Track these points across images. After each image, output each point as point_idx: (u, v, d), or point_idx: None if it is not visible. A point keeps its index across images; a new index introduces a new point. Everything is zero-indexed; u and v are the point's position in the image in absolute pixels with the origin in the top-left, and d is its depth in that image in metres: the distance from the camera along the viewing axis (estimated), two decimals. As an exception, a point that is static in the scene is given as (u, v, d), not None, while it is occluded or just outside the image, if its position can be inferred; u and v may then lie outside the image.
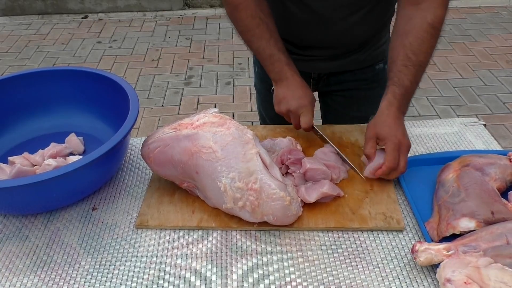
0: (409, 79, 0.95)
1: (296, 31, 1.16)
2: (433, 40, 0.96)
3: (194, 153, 0.85)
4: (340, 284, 0.78)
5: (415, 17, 0.96)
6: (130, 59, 3.58)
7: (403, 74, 0.95)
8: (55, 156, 1.00)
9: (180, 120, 0.93)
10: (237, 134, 0.86)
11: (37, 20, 4.30)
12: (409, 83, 0.95)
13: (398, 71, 0.96)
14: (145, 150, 0.93)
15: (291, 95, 1.05)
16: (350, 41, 1.18)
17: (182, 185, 0.93)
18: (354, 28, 1.12)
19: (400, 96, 0.96)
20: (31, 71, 1.12)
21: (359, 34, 1.16)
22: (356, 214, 0.89)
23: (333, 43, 1.17)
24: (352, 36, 1.16)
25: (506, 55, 3.41)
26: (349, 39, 1.16)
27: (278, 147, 1.03)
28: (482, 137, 1.12)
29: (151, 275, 0.81)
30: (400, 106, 0.96)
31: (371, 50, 1.22)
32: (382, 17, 1.17)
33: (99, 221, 0.93)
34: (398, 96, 0.96)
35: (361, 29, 1.14)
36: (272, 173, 0.84)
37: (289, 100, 1.04)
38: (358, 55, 1.21)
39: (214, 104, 2.99)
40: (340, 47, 1.19)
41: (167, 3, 4.37)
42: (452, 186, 0.88)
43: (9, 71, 3.41)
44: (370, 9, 1.10)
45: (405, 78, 0.95)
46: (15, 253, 0.87)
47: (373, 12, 1.11)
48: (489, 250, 0.75)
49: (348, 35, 1.15)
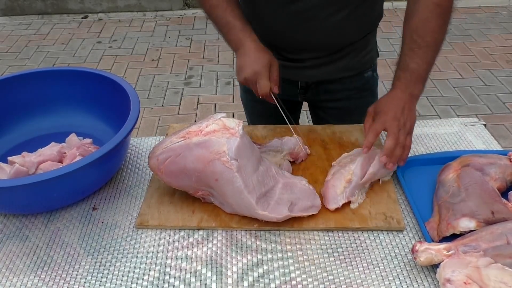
0: (416, 62, 0.94)
1: (280, 30, 1.12)
2: (439, 19, 0.94)
3: (211, 160, 0.84)
4: (340, 284, 0.78)
5: (420, 0, 0.94)
6: (130, 59, 3.58)
7: (408, 57, 0.95)
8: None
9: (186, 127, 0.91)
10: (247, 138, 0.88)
11: (37, 20, 4.30)
12: (415, 65, 0.94)
13: (404, 55, 0.96)
14: (154, 162, 0.90)
15: (248, 63, 1.00)
16: (336, 42, 1.14)
17: (196, 194, 0.92)
18: (339, 27, 1.09)
19: (405, 79, 0.96)
20: (31, 71, 1.12)
21: (345, 34, 1.13)
22: (356, 214, 0.89)
23: (318, 44, 1.14)
24: (338, 36, 1.12)
25: (506, 55, 3.41)
26: (335, 39, 1.13)
27: (286, 146, 1.03)
28: (482, 137, 1.12)
29: (151, 275, 0.81)
30: (406, 88, 0.96)
31: (359, 56, 1.20)
32: (368, 17, 1.14)
33: (99, 221, 0.93)
34: (403, 79, 0.96)
35: (347, 28, 1.11)
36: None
37: (245, 68, 1.00)
38: (345, 61, 1.18)
39: (214, 104, 2.99)
40: (325, 49, 1.15)
41: (167, 3, 4.37)
42: (452, 186, 0.88)
43: (9, 71, 3.41)
44: (356, 8, 1.07)
45: (411, 61, 0.95)
46: (15, 253, 0.87)
47: (359, 11, 1.09)
48: (489, 250, 0.75)
49: (333, 35, 1.11)
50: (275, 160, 1.00)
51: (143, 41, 3.85)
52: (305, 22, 1.08)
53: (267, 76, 1.00)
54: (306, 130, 1.14)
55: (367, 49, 1.21)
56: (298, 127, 1.15)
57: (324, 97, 1.27)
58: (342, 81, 1.23)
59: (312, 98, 1.30)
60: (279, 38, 1.15)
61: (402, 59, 0.97)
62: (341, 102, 1.27)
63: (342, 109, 1.28)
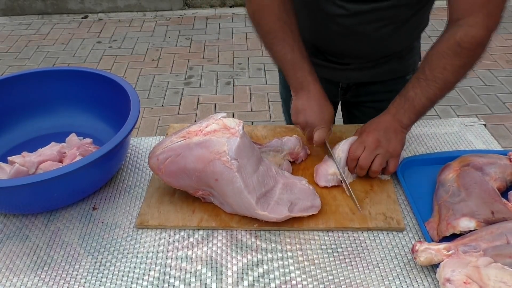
0: (414, 91, 0.93)
1: (326, 40, 1.12)
2: (456, 58, 0.89)
3: (211, 160, 0.84)
4: (340, 284, 0.78)
5: (448, 33, 0.91)
6: (130, 59, 3.58)
7: (411, 85, 0.94)
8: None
9: (186, 127, 0.91)
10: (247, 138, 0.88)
11: (37, 20, 4.30)
12: (413, 94, 0.93)
13: (409, 83, 0.95)
14: (154, 161, 0.90)
15: (311, 108, 1.00)
16: (381, 53, 1.14)
17: (196, 194, 0.92)
18: (387, 39, 1.08)
19: (398, 105, 0.95)
20: (31, 71, 1.12)
21: (392, 45, 1.12)
22: (356, 214, 0.90)
23: (364, 54, 1.14)
24: (385, 48, 1.12)
25: (506, 55, 3.41)
26: (381, 50, 1.13)
27: (286, 146, 1.03)
28: (482, 137, 1.13)
29: (151, 275, 0.81)
30: (396, 114, 0.95)
31: (403, 60, 1.19)
32: (414, 29, 1.13)
33: (99, 220, 0.93)
34: (396, 104, 0.96)
35: (394, 41, 1.10)
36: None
37: (308, 112, 1.00)
38: (389, 65, 1.17)
39: (214, 104, 2.99)
40: (371, 57, 1.15)
41: (167, 3, 4.37)
42: (452, 186, 0.89)
43: (9, 71, 3.41)
44: (404, 21, 1.05)
45: (411, 90, 0.93)
46: (15, 252, 0.87)
47: (406, 25, 1.07)
48: (489, 250, 0.75)
49: (380, 47, 1.11)
50: (275, 160, 1.01)
51: (143, 41, 3.85)
52: (352, 35, 1.06)
53: (329, 128, 1.01)
54: (306, 130, 1.14)
55: (412, 54, 1.20)
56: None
57: (365, 98, 1.26)
58: (384, 84, 1.21)
59: (352, 99, 1.28)
60: (324, 45, 1.15)
61: (406, 86, 0.95)
62: (381, 104, 1.23)
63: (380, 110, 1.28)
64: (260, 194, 0.85)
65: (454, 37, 0.89)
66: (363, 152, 0.93)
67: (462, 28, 0.88)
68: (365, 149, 0.93)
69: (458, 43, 0.88)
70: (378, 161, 0.93)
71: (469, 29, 0.88)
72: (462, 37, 0.88)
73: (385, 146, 0.93)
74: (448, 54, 0.90)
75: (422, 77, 0.93)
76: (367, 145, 0.93)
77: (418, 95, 0.93)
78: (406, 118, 0.95)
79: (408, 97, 0.94)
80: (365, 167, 0.93)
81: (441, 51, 0.91)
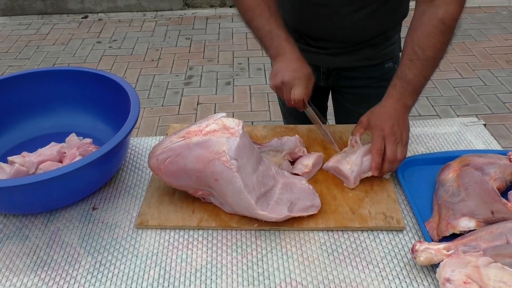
0: (412, 73, 0.96)
1: (304, 23, 1.18)
2: (442, 35, 0.95)
3: (211, 160, 0.84)
4: (340, 284, 0.78)
5: (427, 13, 0.96)
6: (130, 59, 3.58)
7: (407, 67, 0.96)
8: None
9: (186, 127, 0.91)
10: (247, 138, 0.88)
11: (37, 20, 4.30)
12: (412, 76, 0.96)
13: (403, 65, 0.97)
14: (153, 162, 0.90)
15: (287, 68, 1.02)
16: (357, 37, 1.18)
17: (196, 194, 0.92)
18: (361, 23, 1.13)
19: (401, 88, 0.97)
20: (31, 71, 1.12)
21: (367, 30, 1.17)
22: (356, 214, 0.90)
23: (341, 37, 1.18)
24: (360, 32, 1.16)
25: (506, 55, 3.41)
26: (357, 34, 1.17)
27: (286, 146, 1.03)
28: (482, 137, 1.13)
29: (151, 275, 0.81)
30: (401, 98, 0.97)
31: (380, 48, 1.23)
32: (391, 16, 1.17)
33: (99, 220, 0.93)
34: (399, 88, 0.97)
35: (368, 26, 1.15)
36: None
37: (284, 71, 1.02)
38: (366, 52, 1.22)
39: (214, 104, 2.99)
40: (348, 41, 1.20)
41: (167, 3, 4.37)
42: (452, 185, 0.89)
43: (9, 71, 3.41)
44: (379, 7, 1.11)
45: (409, 72, 0.96)
46: (15, 252, 0.87)
47: (382, 10, 1.12)
48: (489, 250, 0.75)
49: (355, 30, 1.15)
50: (275, 160, 1.01)
51: (143, 41, 3.85)
52: (327, 17, 1.12)
53: (305, 85, 1.02)
54: (306, 130, 1.14)
55: (389, 42, 1.24)
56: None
57: (344, 83, 1.31)
58: (362, 70, 1.26)
59: (333, 83, 1.33)
60: (303, 26, 1.20)
61: (401, 69, 0.98)
62: (360, 89, 1.30)
63: (361, 96, 1.31)
64: (259, 194, 0.85)
65: (437, 16, 0.94)
66: (385, 145, 0.94)
67: (442, 6, 0.94)
68: (386, 141, 0.94)
69: (442, 21, 0.94)
70: (400, 149, 0.94)
71: (447, 7, 0.94)
72: (444, 15, 0.94)
73: (399, 134, 0.95)
74: (435, 33, 0.94)
75: (415, 57, 0.95)
76: (387, 137, 0.94)
77: (417, 76, 0.96)
78: (411, 100, 0.99)
79: (408, 80, 0.96)
80: (394, 159, 0.94)
81: (428, 31, 0.95)
